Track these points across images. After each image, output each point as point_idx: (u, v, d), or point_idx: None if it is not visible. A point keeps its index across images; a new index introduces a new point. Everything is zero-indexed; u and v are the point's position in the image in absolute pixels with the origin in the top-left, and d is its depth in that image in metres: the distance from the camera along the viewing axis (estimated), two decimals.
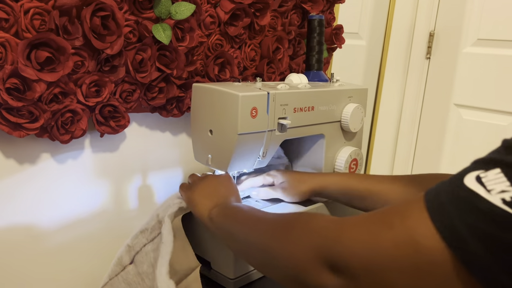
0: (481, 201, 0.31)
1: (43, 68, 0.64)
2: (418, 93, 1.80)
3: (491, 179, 0.31)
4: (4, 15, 0.60)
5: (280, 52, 0.97)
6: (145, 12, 0.74)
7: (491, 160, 0.33)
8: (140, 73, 0.75)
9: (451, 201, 0.33)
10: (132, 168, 0.86)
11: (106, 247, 0.85)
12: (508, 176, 0.30)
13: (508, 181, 0.30)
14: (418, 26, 1.75)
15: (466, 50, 1.67)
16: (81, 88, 0.70)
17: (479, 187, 0.31)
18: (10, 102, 0.61)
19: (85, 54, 0.69)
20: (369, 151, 1.78)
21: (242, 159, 0.73)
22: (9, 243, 0.72)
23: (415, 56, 1.78)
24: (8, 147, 0.69)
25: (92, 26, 0.66)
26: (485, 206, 0.30)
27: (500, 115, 1.61)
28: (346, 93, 0.87)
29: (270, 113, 0.72)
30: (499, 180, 0.31)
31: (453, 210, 0.32)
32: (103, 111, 0.73)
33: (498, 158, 0.32)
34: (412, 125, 1.83)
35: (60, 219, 0.78)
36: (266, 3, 0.89)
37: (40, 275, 0.77)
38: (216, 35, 0.86)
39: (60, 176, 0.76)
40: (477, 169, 0.33)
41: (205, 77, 0.86)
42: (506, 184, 0.30)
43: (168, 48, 0.77)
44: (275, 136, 0.75)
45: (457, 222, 0.31)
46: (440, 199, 0.34)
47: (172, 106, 0.84)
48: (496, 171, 0.31)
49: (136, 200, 0.88)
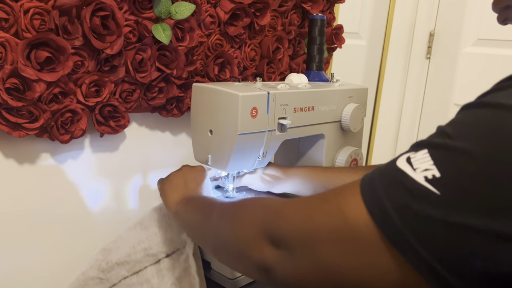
0: (407, 178, 0.33)
1: (43, 68, 0.64)
2: (418, 93, 1.80)
3: (418, 159, 0.33)
4: (4, 15, 0.60)
5: (280, 52, 0.97)
6: (145, 12, 0.74)
7: (422, 142, 0.35)
8: (140, 73, 0.75)
9: (381, 179, 0.35)
10: (132, 168, 0.86)
11: None
12: (432, 156, 0.32)
13: (431, 160, 0.32)
14: (418, 26, 1.75)
15: (466, 50, 1.67)
16: (81, 88, 0.70)
17: (407, 166, 0.33)
18: (10, 102, 0.61)
19: (85, 54, 0.69)
20: (369, 151, 1.78)
21: (242, 159, 0.72)
22: (9, 243, 0.72)
23: (415, 56, 1.78)
24: (8, 147, 0.69)
25: (92, 26, 0.66)
26: (409, 183, 0.32)
27: None
28: (346, 93, 0.87)
29: (270, 113, 0.72)
30: (425, 159, 0.33)
31: (381, 187, 0.34)
32: (103, 111, 0.73)
33: (427, 140, 0.34)
34: (412, 125, 1.83)
35: (59, 219, 0.78)
36: (266, 3, 0.89)
37: (40, 274, 0.77)
38: (216, 35, 0.86)
39: (60, 176, 0.76)
40: (409, 151, 0.35)
41: (205, 77, 0.86)
42: (430, 163, 0.32)
43: (168, 48, 0.77)
44: (275, 136, 0.75)
45: (383, 198, 0.33)
46: (372, 178, 0.36)
47: (172, 106, 0.84)
48: (423, 152, 0.33)
49: (136, 200, 0.88)
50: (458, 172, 0.31)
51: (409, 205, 0.32)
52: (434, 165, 0.32)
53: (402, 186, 0.33)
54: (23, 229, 0.73)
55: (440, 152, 0.32)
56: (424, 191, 0.31)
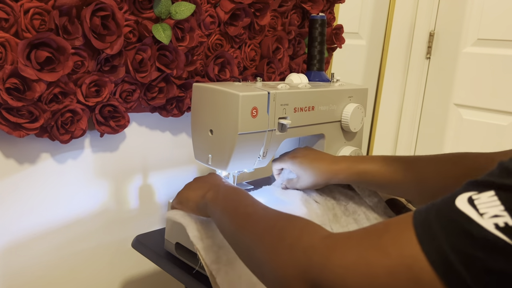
0: (473, 224, 0.29)
1: (43, 68, 0.64)
2: (418, 93, 1.80)
3: (484, 201, 0.29)
4: (4, 15, 0.60)
5: (280, 52, 0.97)
6: (145, 12, 0.74)
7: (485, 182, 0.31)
8: (140, 73, 0.75)
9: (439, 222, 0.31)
10: (132, 168, 0.86)
11: (106, 247, 0.85)
12: (502, 200, 0.29)
13: (502, 205, 0.28)
14: (418, 26, 1.75)
15: (466, 50, 1.67)
16: (81, 88, 0.70)
17: (471, 209, 0.29)
18: (10, 102, 0.61)
19: (85, 54, 0.69)
20: (369, 151, 1.78)
21: (242, 159, 0.72)
22: (9, 243, 0.72)
23: (415, 56, 1.78)
24: (8, 147, 0.69)
25: (92, 26, 0.66)
26: (477, 231, 0.28)
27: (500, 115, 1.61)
28: (346, 93, 0.87)
29: (271, 113, 0.72)
30: (493, 203, 0.29)
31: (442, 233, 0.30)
32: (103, 111, 0.73)
33: (493, 180, 0.30)
34: (412, 125, 1.83)
35: (60, 219, 0.78)
36: (266, 3, 0.89)
37: (39, 274, 0.77)
38: (216, 35, 0.86)
39: (60, 176, 0.76)
40: (470, 191, 0.31)
41: (205, 77, 0.86)
42: (500, 209, 0.28)
43: (168, 48, 0.77)
44: (276, 136, 0.75)
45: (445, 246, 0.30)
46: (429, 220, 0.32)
47: (172, 106, 0.84)
48: (490, 194, 0.29)
49: (136, 200, 0.88)
50: None
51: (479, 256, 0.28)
52: (505, 210, 0.28)
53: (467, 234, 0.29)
54: (23, 229, 0.73)
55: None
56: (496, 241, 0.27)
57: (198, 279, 0.67)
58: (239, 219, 0.52)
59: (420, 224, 0.32)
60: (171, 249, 0.72)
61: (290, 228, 0.44)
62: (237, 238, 0.51)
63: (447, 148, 1.75)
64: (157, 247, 0.75)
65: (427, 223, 0.32)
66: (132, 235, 0.77)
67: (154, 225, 0.91)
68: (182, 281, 0.69)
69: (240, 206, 0.55)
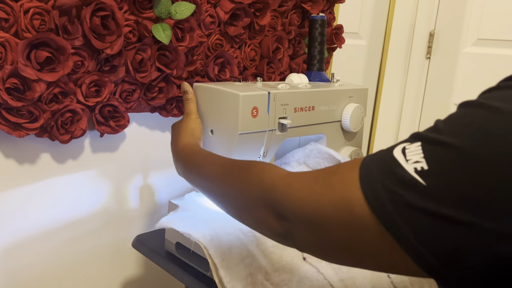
0: (399, 168, 0.34)
1: (43, 68, 0.64)
2: (418, 93, 1.80)
3: (412, 151, 0.35)
4: (4, 15, 0.60)
5: (280, 52, 0.97)
6: (145, 12, 0.74)
7: (418, 134, 0.36)
8: (140, 73, 0.75)
9: (377, 166, 0.36)
10: (132, 168, 0.86)
11: (106, 246, 0.85)
12: (424, 149, 0.34)
13: (422, 153, 0.34)
14: (418, 26, 1.75)
15: (466, 50, 1.67)
16: (81, 88, 0.70)
17: (401, 156, 0.35)
18: (10, 102, 0.61)
19: (85, 54, 0.69)
20: (369, 151, 1.78)
21: (242, 158, 0.72)
22: (9, 243, 0.72)
23: (415, 56, 1.78)
24: (8, 147, 0.69)
25: (92, 26, 0.66)
26: (401, 173, 0.34)
27: None
28: (346, 93, 0.87)
29: (271, 113, 0.72)
30: (417, 152, 0.34)
31: (377, 175, 0.36)
32: (103, 111, 0.73)
33: (423, 134, 0.36)
34: (412, 125, 1.83)
35: (60, 219, 0.77)
36: (266, 3, 0.89)
37: (39, 274, 0.77)
38: (216, 35, 0.86)
39: (60, 176, 0.76)
40: (406, 142, 0.37)
41: (205, 77, 0.86)
42: (421, 156, 0.34)
43: (168, 48, 0.77)
44: (276, 135, 0.75)
45: (377, 185, 0.35)
46: (371, 165, 0.37)
47: (172, 106, 0.84)
48: (417, 144, 0.35)
49: (137, 200, 0.88)
50: (443, 166, 0.32)
51: (400, 193, 0.33)
52: (423, 158, 0.34)
53: (395, 175, 0.34)
54: (23, 229, 0.73)
55: (430, 146, 0.34)
56: (413, 181, 0.33)
57: (198, 278, 0.67)
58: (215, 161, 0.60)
59: (364, 167, 0.38)
60: (172, 249, 0.72)
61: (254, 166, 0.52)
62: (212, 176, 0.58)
63: None
64: (157, 247, 0.75)
65: (369, 166, 0.37)
66: (132, 235, 0.77)
67: (154, 224, 0.91)
68: (183, 281, 0.69)
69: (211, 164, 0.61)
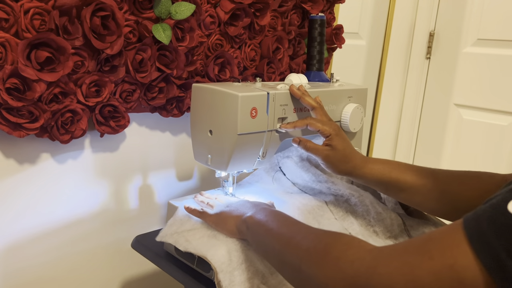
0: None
1: (43, 68, 0.64)
2: (418, 93, 1.80)
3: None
4: (4, 15, 0.60)
5: (280, 52, 0.97)
6: (145, 12, 0.74)
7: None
8: (140, 73, 0.75)
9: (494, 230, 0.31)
10: (132, 168, 0.86)
11: (105, 247, 0.85)
12: None
13: None
14: (418, 26, 1.75)
15: (466, 50, 1.67)
16: (81, 88, 0.70)
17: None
18: (10, 102, 0.61)
19: (85, 54, 0.69)
20: (369, 151, 1.78)
21: (241, 159, 0.72)
22: (9, 243, 0.72)
23: (415, 56, 1.78)
24: (8, 147, 0.69)
25: (92, 26, 0.66)
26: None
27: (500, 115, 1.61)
28: (346, 93, 0.87)
29: (270, 113, 0.72)
30: None
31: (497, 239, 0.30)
32: (103, 111, 0.73)
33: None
34: (412, 125, 1.83)
35: (60, 219, 0.78)
36: (266, 3, 0.89)
37: (39, 274, 0.77)
38: (216, 35, 0.86)
39: (60, 176, 0.76)
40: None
41: (205, 77, 0.86)
42: None
43: (168, 48, 0.77)
44: (275, 136, 0.75)
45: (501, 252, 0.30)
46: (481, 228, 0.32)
47: (172, 106, 0.84)
48: None
49: (136, 200, 0.88)
50: None
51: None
52: None
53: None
54: (23, 229, 0.73)
55: None
56: None
57: (197, 279, 0.67)
58: (284, 238, 0.53)
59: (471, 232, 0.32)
60: (171, 249, 0.72)
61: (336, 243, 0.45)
62: (283, 257, 0.51)
63: (447, 148, 1.75)
64: (157, 248, 0.75)
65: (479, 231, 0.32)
66: (132, 235, 0.77)
67: (154, 225, 0.91)
68: (182, 282, 0.69)
69: (283, 226, 0.55)
